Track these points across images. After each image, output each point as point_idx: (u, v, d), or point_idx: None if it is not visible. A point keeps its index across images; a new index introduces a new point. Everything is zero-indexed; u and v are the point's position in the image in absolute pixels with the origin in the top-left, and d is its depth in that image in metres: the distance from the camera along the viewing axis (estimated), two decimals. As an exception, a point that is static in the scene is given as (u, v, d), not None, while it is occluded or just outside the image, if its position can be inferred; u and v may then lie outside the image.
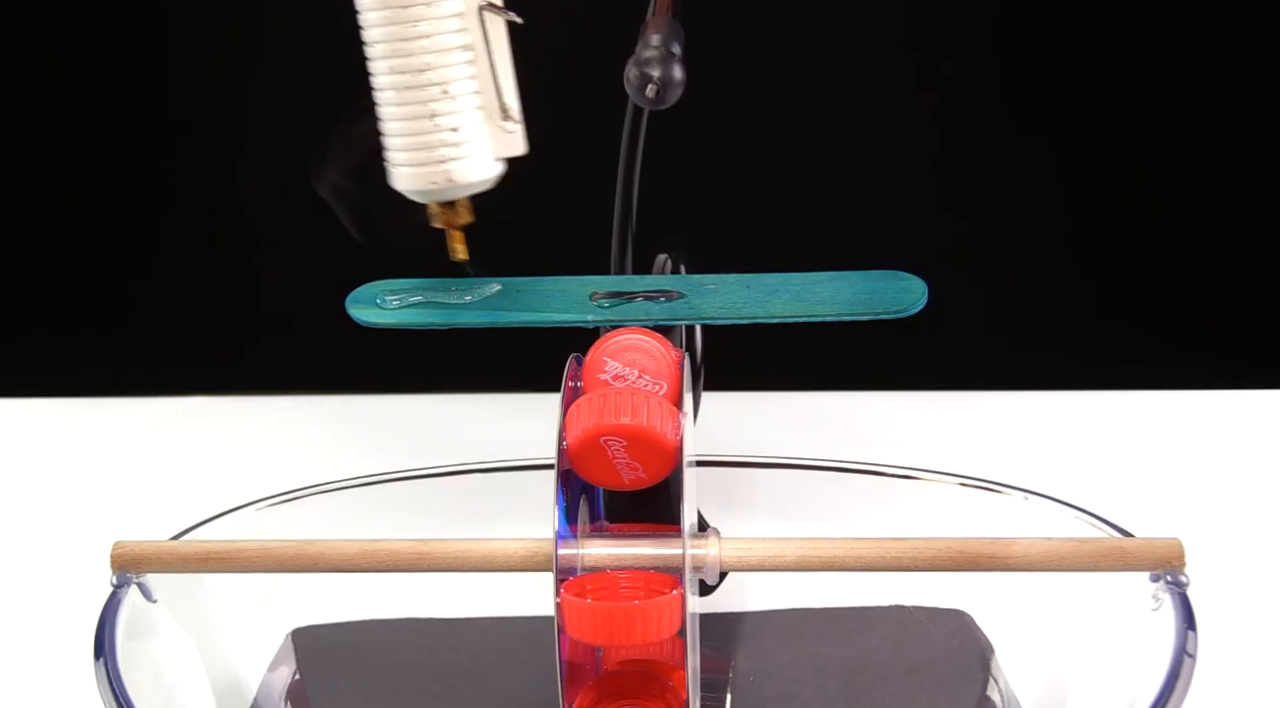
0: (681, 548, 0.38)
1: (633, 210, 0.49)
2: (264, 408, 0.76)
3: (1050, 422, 0.73)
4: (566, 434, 0.39)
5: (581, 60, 0.62)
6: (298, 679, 0.47)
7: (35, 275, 0.82)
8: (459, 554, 0.40)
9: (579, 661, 0.41)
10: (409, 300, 0.43)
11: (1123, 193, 0.80)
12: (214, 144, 0.79)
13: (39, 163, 0.80)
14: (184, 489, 0.66)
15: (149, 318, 0.82)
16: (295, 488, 0.50)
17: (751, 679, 0.48)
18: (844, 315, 0.42)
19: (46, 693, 0.50)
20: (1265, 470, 0.66)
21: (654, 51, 0.43)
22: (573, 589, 0.38)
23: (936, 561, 0.40)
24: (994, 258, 0.80)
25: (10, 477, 0.69)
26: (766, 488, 0.53)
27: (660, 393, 0.40)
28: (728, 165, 0.76)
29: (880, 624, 0.50)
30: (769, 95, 0.74)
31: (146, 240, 0.81)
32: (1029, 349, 0.81)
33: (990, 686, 0.46)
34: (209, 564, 0.42)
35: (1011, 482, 0.50)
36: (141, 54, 0.78)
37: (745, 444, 0.58)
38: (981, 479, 0.50)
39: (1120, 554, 0.40)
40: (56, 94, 0.79)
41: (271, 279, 0.82)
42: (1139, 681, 0.39)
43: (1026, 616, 0.47)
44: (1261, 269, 0.80)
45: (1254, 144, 0.78)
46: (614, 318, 0.43)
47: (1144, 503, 0.61)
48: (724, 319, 0.43)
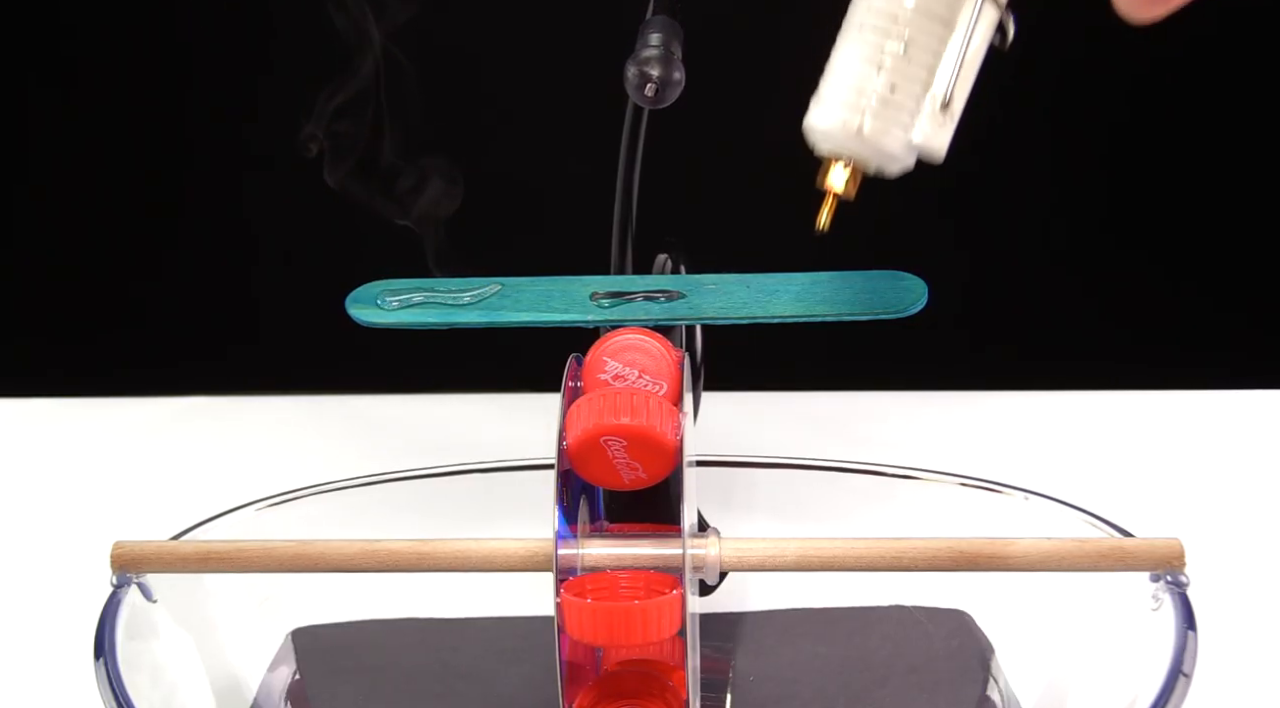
0: (681, 548, 0.38)
1: (633, 210, 0.49)
2: (264, 408, 0.76)
3: (1050, 422, 0.73)
4: (566, 434, 0.39)
5: (581, 60, 0.62)
6: (298, 679, 0.47)
7: (35, 275, 0.82)
8: (459, 554, 0.40)
9: (579, 661, 0.41)
10: (409, 300, 0.43)
11: (1123, 193, 0.80)
12: (215, 144, 0.79)
13: (40, 163, 0.80)
14: (184, 489, 0.66)
15: (149, 318, 0.82)
16: (295, 488, 0.50)
17: (751, 679, 0.48)
18: (844, 315, 0.42)
19: (46, 693, 0.50)
20: (1265, 470, 0.66)
21: (653, 51, 0.43)
22: (573, 589, 0.38)
23: (936, 561, 0.40)
24: (994, 258, 0.80)
25: (10, 477, 0.69)
26: (766, 488, 0.53)
27: (660, 393, 0.40)
28: (728, 165, 0.76)
29: (880, 624, 0.50)
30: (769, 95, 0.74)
31: (147, 241, 0.81)
32: (1028, 349, 0.81)
33: (990, 686, 0.46)
34: (209, 564, 0.42)
35: (1011, 482, 0.50)
36: (147, 56, 0.78)
37: (745, 444, 0.58)
38: (981, 479, 0.50)
39: (1120, 554, 0.40)
40: (60, 96, 0.79)
41: (271, 279, 0.82)
42: (1139, 681, 0.39)
43: (1026, 616, 0.47)
44: (1261, 269, 0.80)
45: (1255, 144, 0.78)
46: (614, 318, 0.43)
47: (1144, 503, 0.61)
48: (724, 319, 0.43)
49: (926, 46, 0.39)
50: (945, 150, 0.39)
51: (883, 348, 0.72)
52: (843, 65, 0.39)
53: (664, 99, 0.43)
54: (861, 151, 0.39)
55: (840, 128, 0.39)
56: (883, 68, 0.38)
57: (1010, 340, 0.82)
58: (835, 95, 0.39)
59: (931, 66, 0.39)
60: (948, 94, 0.39)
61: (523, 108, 0.77)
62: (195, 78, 0.78)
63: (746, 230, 0.75)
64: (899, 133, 0.39)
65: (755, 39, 0.74)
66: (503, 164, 0.76)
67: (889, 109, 0.38)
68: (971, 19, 0.39)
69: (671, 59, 0.43)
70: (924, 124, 0.39)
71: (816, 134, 0.39)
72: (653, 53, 0.43)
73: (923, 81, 0.39)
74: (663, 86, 0.43)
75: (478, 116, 0.77)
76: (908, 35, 0.38)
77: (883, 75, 0.38)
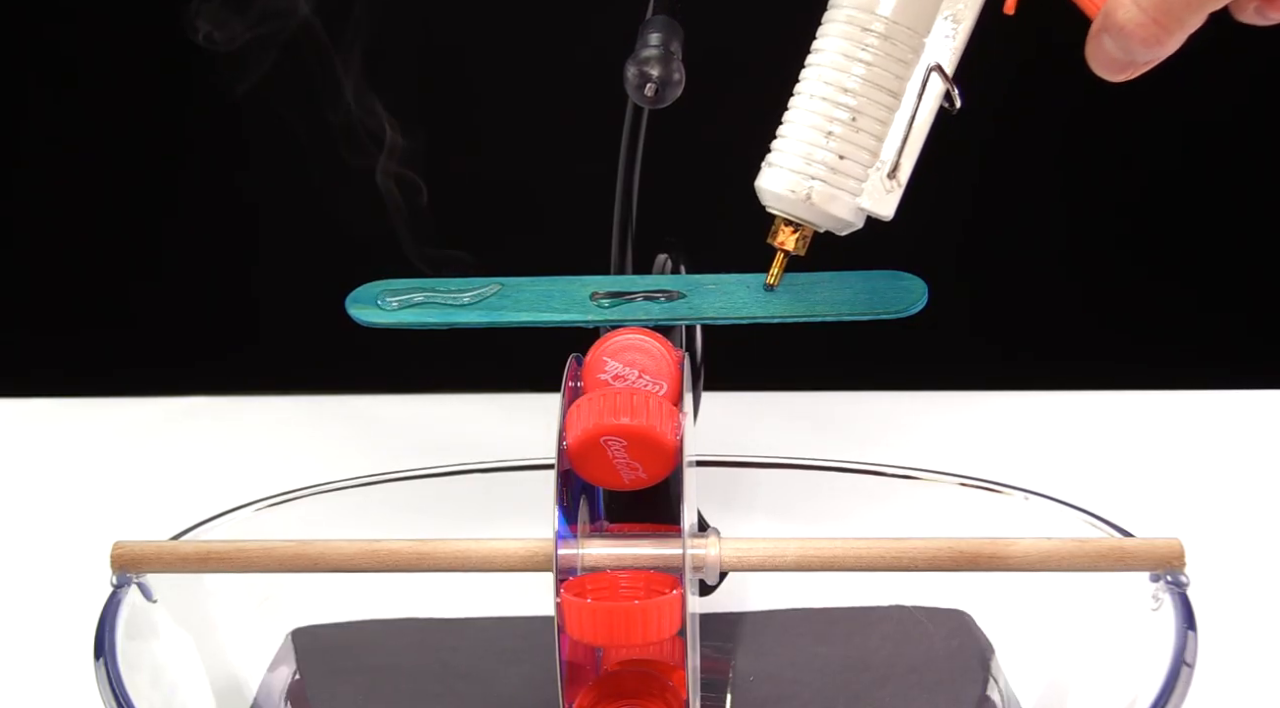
0: (681, 548, 0.38)
1: (633, 210, 0.49)
2: (264, 408, 0.76)
3: (1050, 422, 0.73)
4: (566, 434, 0.39)
5: (582, 60, 0.62)
6: (298, 679, 0.47)
7: (35, 276, 0.82)
8: (459, 554, 0.40)
9: (579, 661, 0.41)
10: (409, 300, 0.43)
11: (1123, 193, 0.80)
12: (216, 144, 0.79)
13: (40, 163, 0.80)
14: (184, 489, 0.66)
15: (149, 318, 0.82)
16: (295, 488, 0.50)
17: (751, 679, 0.48)
18: (844, 316, 0.42)
19: (46, 693, 0.50)
20: (1265, 470, 0.66)
21: (653, 51, 0.43)
22: (573, 589, 0.38)
23: (936, 561, 0.40)
24: (994, 258, 0.80)
25: (10, 477, 0.69)
26: (766, 488, 0.53)
27: (660, 393, 0.40)
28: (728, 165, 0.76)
29: (880, 624, 0.50)
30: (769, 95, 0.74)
31: (147, 241, 0.81)
32: (1029, 349, 0.81)
33: (990, 686, 0.46)
34: (209, 564, 0.42)
35: (1011, 482, 0.50)
36: (144, 54, 0.78)
37: (745, 444, 0.58)
38: (981, 479, 0.50)
39: (1120, 554, 0.40)
40: (58, 94, 0.79)
41: (271, 279, 0.82)
42: (1139, 681, 0.39)
43: (1026, 616, 0.47)
44: (1261, 270, 0.80)
45: (1255, 144, 0.78)
46: (614, 318, 0.43)
47: (1144, 503, 0.61)
48: (724, 319, 0.43)
49: (875, 116, 0.40)
50: (892, 213, 0.41)
51: (883, 348, 0.72)
52: (793, 132, 0.41)
53: (664, 99, 0.43)
54: (809, 216, 0.41)
55: (789, 193, 0.41)
56: (831, 136, 0.40)
57: (1010, 341, 0.81)
58: (785, 161, 0.41)
59: (880, 134, 0.40)
60: (895, 162, 0.40)
61: (523, 108, 0.77)
62: (195, 77, 0.78)
63: (746, 230, 0.75)
64: (847, 199, 0.40)
65: (755, 39, 0.74)
66: (503, 164, 0.76)
67: (837, 176, 0.40)
68: (918, 91, 0.40)
69: (671, 59, 0.43)
70: (871, 190, 0.40)
71: (766, 196, 0.41)
72: (653, 53, 0.43)
73: (871, 149, 0.40)
74: (663, 86, 0.43)
75: (478, 116, 0.77)
76: (856, 105, 0.40)
77: (831, 143, 0.40)
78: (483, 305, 0.43)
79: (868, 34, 0.40)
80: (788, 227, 0.41)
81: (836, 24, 0.40)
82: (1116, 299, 0.81)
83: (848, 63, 0.40)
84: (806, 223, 0.41)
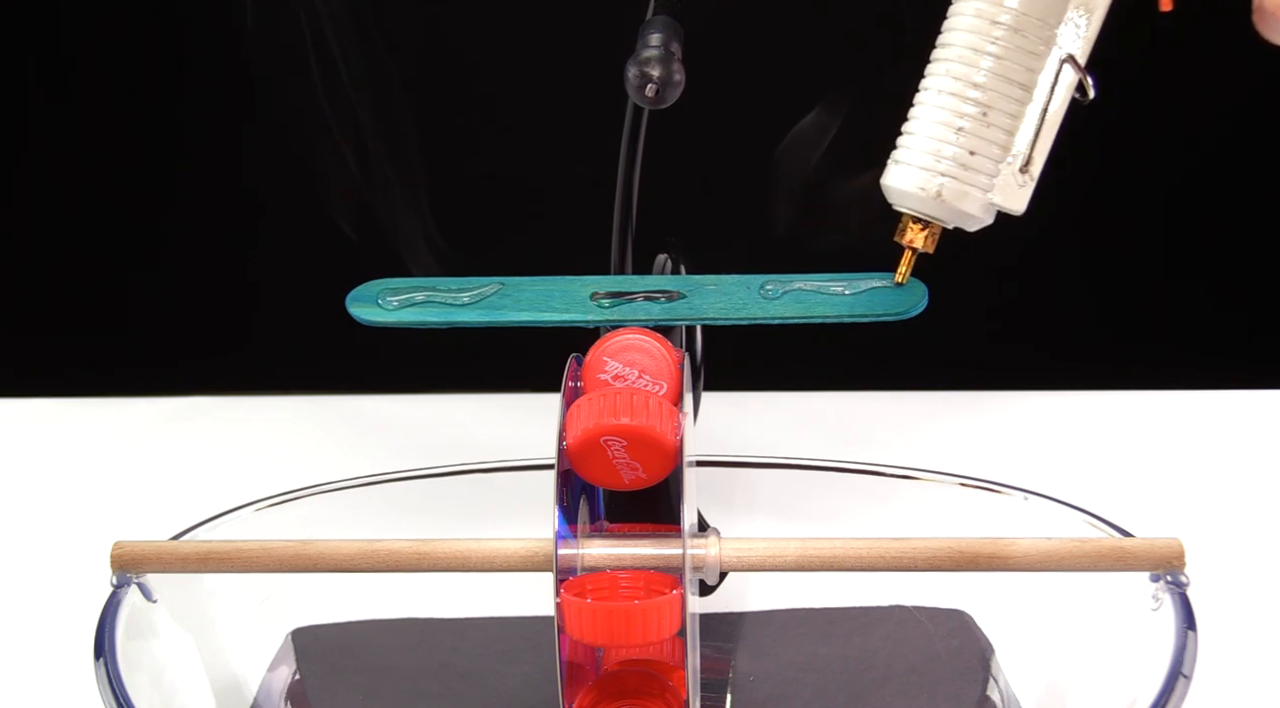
0: (681, 548, 0.38)
1: (633, 210, 0.49)
2: (264, 408, 0.76)
3: (1050, 422, 0.73)
4: (566, 434, 0.39)
5: (582, 60, 0.62)
6: (298, 679, 0.47)
7: (35, 275, 0.82)
8: (459, 554, 0.40)
9: (579, 661, 0.41)
10: (409, 300, 0.43)
11: (1123, 193, 0.80)
12: (215, 143, 0.79)
13: (39, 162, 0.80)
14: (184, 489, 0.66)
15: (149, 318, 0.82)
16: (295, 488, 0.50)
17: (751, 679, 0.48)
18: (844, 317, 0.42)
19: (46, 693, 0.50)
20: (1265, 470, 0.66)
21: (653, 51, 0.43)
22: (573, 589, 0.38)
23: (936, 561, 0.40)
24: (994, 258, 0.80)
25: (10, 477, 0.69)
26: (766, 488, 0.53)
27: (660, 393, 0.40)
28: (728, 165, 0.76)
29: (880, 624, 0.50)
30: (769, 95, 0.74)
31: (147, 240, 0.81)
32: (1029, 349, 0.81)
33: (990, 686, 0.46)
34: (209, 564, 0.42)
35: (1011, 482, 0.50)
36: (144, 52, 0.78)
37: (745, 444, 0.58)
38: (981, 479, 0.50)
39: (1120, 554, 0.40)
40: (57, 92, 0.79)
41: (271, 279, 0.82)
42: (1139, 681, 0.39)
43: (1026, 616, 0.47)
44: (1261, 270, 0.80)
45: (1254, 144, 0.78)
46: (614, 318, 0.43)
47: (1144, 503, 0.61)
48: (724, 319, 0.43)
49: (1006, 110, 0.39)
50: (1024, 208, 0.40)
51: (883, 348, 0.72)
52: (921, 128, 0.40)
53: (664, 99, 0.43)
54: (939, 213, 0.40)
55: (918, 191, 0.40)
56: (961, 131, 0.39)
57: (1010, 341, 0.81)
58: (913, 158, 0.40)
59: (1011, 128, 0.40)
60: (1028, 156, 0.39)
61: (523, 108, 0.77)
62: (195, 76, 0.78)
63: (747, 231, 0.75)
64: (978, 195, 0.40)
65: (756, 39, 0.74)
66: (502, 164, 0.76)
67: (968, 172, 0.39)
68: (1051, 83, 0.39)
69: (671, 59, 0.43)
70: (1003, 185, 0.40)
71: (894, 194, 0.41)
72: (653, 53, 0.43)
73: (1002, 144, 0.40)
74: (663, 87, 0.43)
75: (478, 116, 0.77)
76: (986, 99, 0.39)
77: (961, 138, 0.39)
78: (483, 305, 0.43)
79: (996, 27, 0.39)
80: (916, 224, 0.41)
81: (964, 18, 0.39)
82: (1117, 299, 0.82)
83: (976, 57, 0.39)
84: (935, 220, 0.40)
